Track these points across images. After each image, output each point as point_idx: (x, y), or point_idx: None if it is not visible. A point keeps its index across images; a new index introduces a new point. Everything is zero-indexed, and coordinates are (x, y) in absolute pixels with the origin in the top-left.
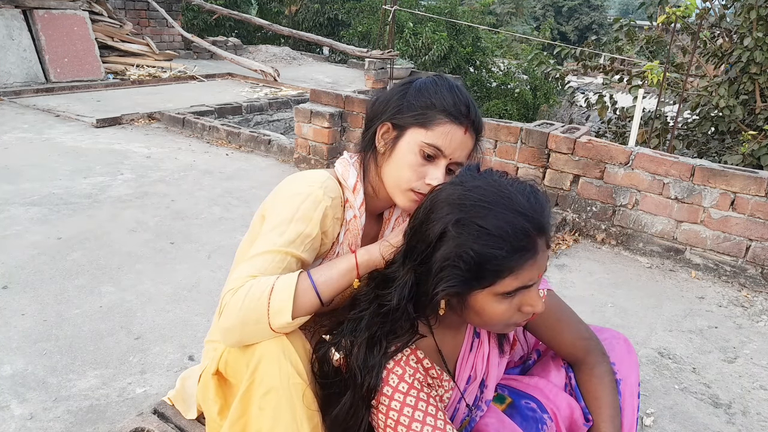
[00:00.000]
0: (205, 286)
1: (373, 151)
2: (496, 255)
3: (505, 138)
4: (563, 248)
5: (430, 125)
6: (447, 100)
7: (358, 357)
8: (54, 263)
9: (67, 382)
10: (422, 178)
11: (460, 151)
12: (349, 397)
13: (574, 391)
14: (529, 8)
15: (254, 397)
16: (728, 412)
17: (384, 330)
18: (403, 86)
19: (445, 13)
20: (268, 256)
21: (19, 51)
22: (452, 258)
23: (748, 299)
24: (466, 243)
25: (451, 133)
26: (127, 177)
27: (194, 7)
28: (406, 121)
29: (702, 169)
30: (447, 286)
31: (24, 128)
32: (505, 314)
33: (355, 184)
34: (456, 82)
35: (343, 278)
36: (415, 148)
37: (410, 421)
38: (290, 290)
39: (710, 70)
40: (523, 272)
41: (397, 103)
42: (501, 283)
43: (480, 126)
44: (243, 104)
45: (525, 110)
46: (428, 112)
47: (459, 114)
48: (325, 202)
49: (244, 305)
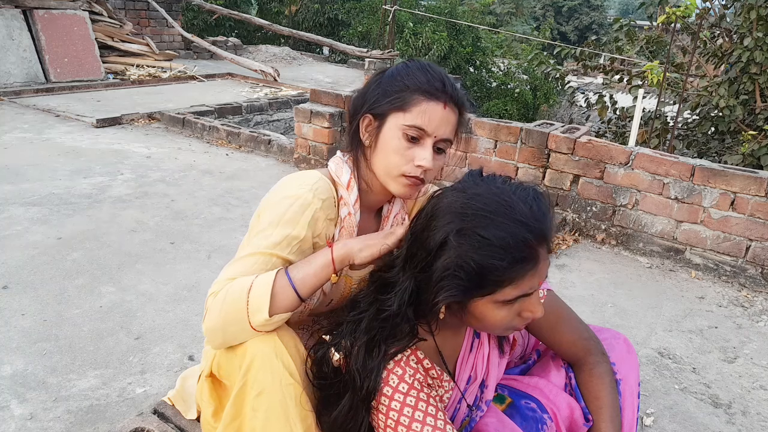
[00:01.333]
0: (205, 286)
1: (361, 145)
2: (497, 266)
3: (505, 138)
4: (563, 248)
5: (407, 107)
6: (420, 79)
7: (358, 360)
8: (54, 263)
9: (67, 382)
10: (411, 161)
11: (443, 128)
12: (349, 399)
13: (574, 391)
14: (529, 8)
15: (247, 398)
16: (728, 412)
17: (384, 334)
18: (377, 76)
19: (445, 13)
20: (251, 258)
21: (19, 51)
22: (453, 267)
23: (748, 299)
24: (467, 253)
25: (429, 110)
26: (127, 177)
27: (194, 7)
28: (384, 108)
29: (702, 169)
30: (447, 295)
31: (24, 128)
32: (504, 320)
33: (348, 181)
34: (428, 62)
35: (320, 273)
36: (398, 133)
37: (410, 422)
38: (267, 287)
39: (710, 70)
40: (524, 282)
41: (373, 94)
42: (501, 292)
43: (460, 99)
44: (243, 104)
45: (525, 110)
46: (403, 94)
47: (434, 90)
48: (315, 204)
49: (224, 306)
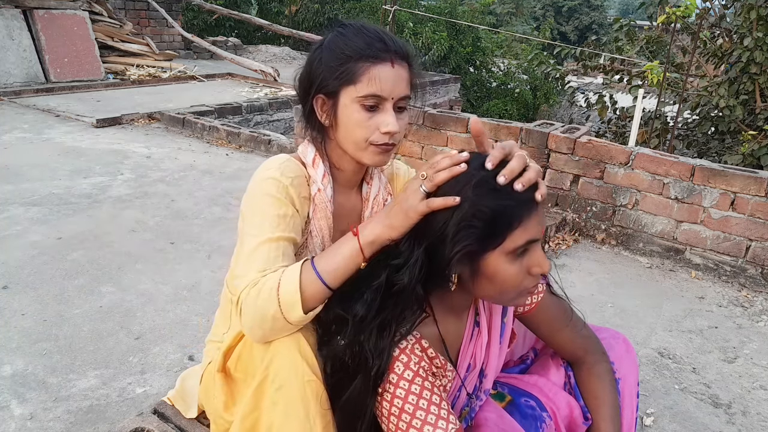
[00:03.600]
0: (205, 286)
1: (321, 127)
2: (506, 206)
3: (505, 138)
4: (563, 248)
5: (356, 78)
6: (359, 44)
7: (370, 340)
8: (54, 263)
9: (67, 382)
10: (376, 129)
11: (398, 87)
12: (360, 381)
13: (573, 389)
14: (529, 8)
15: (267, 391)
16: (728, 412)
17: (395, 313)
18: (316, 52)
19: (445, 13)
20: (263, 248)
21: (19, 51)
22: (469, 218)
23: (748, 299)
24: (482, 200)
25: (377, 74)
26: (127, 177)
27: (194, 7)
28: (334, 85)
29: (702, 169)
30: (464, 245)
31: (24, 128)
32: (517, 277)
33: (314, 159)
34: (360, 22)
35: (349, 263)
36: (356, 106)
37: (414, 409)
38: (295, 284)
39: (710, 70)
40: (530, 223)
41: (318, 73)
42: (512, 237)
43: (405, 52)
44: (243, 104)
45: (525, 110)
46: (347, 66)
47: (376, 51)
48: (285, 181)
49: (258, 304)
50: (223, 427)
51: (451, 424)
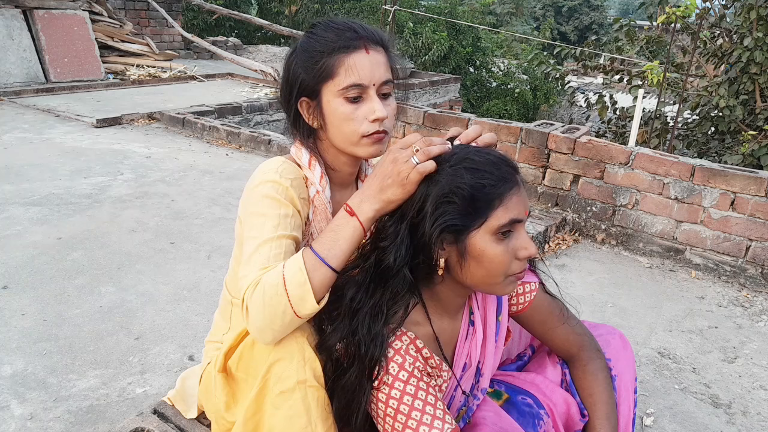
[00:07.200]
0: (205, 286)
1: (311, 130)
2: (485, 184)
3: (505, 138)
4: (563, 248)
5: (333, 72)
6: (330, 38)
7: (363, 327)
8: (54, 263)
9: (67, 382)
10: (365, 120)
11: (377, 72)
12: (356, 369)
13: (570, 387)
14: (529, 8)
15: (269, 395)
16: (728, 412)
17: (385, 298)
18: (289, 59)
19: (445, 13)
20: (265, 246)
21: (19, 51)
22: (447, 194)
23: (748, 299)
24: (460, 176)
25: (354, 64)
26: (127, 177)
27: (194, 7)
28: (313, 84)
29: (702, 169)
30: (445, 221)
31: (24, 128)
32: (504, 259)
33: (309, 160)
34: (329, 18)
35: (351, 243)
36: (339, 100)
37: (410, 410)
38: (302, 275)
39: (710, 70)
40: (511, 202)
41: (296, 77)
42: (495, 216)
43: (378, 37)
44: (243, 104)
45: (525, 110)
46: (323, 62)
47: (348, 41)
48: (284, 183)
49: (265, 302)
50: (224, 427)
51: (446, 425)
